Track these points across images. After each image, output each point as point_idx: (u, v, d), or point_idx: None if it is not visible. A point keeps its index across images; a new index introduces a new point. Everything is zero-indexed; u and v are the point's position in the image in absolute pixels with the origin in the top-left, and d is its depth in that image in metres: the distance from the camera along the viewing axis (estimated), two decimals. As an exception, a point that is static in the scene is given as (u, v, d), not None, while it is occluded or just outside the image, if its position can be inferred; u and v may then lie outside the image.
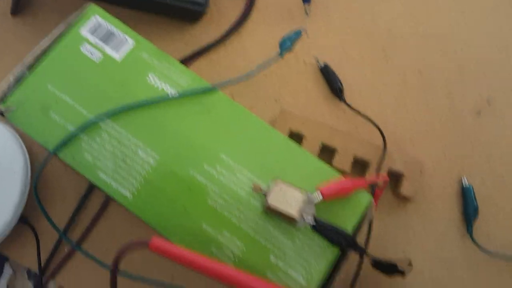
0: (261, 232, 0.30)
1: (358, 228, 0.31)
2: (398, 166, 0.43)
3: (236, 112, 0.33)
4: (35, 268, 0.43)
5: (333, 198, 0.29)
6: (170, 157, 0.31)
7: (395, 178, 0.44)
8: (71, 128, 0.31)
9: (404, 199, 0.44)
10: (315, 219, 0.29)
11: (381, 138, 0.45)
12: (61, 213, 0.43)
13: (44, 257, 0.43)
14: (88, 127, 0.32)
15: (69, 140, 0.31)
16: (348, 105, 0.45)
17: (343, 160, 0.43)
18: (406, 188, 0.42)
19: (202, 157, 0.31)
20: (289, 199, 0.29)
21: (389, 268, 0.32)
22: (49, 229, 0.43)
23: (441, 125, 0.46)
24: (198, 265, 0.27)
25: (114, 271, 0.28)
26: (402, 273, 0.31)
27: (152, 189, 0.31)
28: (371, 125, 0.46)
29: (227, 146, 0.32)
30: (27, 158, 0.41)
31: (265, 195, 0.29)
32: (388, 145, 0.45)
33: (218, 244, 0.30)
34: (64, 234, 0.42)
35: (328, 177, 0.31)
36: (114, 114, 0.32)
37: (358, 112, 0.45)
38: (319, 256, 0.30)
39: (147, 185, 0.31)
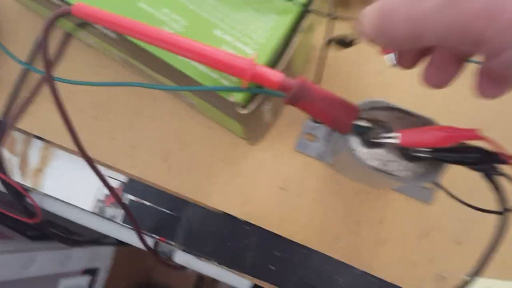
0: (203, 6, 0.28)
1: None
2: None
3: None
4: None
5: None
6: None
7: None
8: None
9: None
10: None
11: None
12: (20, 54, 0.41)
13: (4, 104, 0.41)
14: None
15: None
16: None
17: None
18: None
19: None
20: None
21: (342, 42, 0.29)
22: (6, 74, 0.42)
23: None
24: (126, 26, 0.25)
25: (43, 43, 0.26)
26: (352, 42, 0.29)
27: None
28: None
29: None
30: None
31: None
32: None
33: (157, 22, 0.28)
34: (29, 64, 0.40)
35: None
36: None
37: None
38: (270, 28, 0.28)
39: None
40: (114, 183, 0.42)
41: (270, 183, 0.39)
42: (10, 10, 0.42)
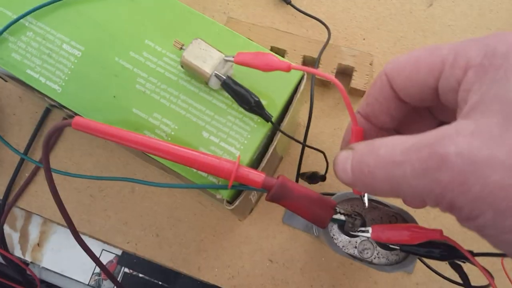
0: (192, 111, 0.30)
1: (289, 106, 0.31)
2: (347, 61, 0.42)
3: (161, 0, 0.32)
4: (-3, 194, 0.43)
5: (247, 64, 0.28)
6: (95, 48, 0.31)
7: (347, 76, 0.44)
8: (-4, 30, 0.31)
9: (356, 93, 0.43)
10: (228, 77, 0.28)
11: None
12: (19, 140, 0.44)
13: (6, 184, 0.43)
14: (13, 27, 0.31)
15: (-5, 42, 0.31)
16: (295, 7, 0.45)
17: (293, 60, 0.43)
18: (356, 81, 0.42)
19: (127, 45, 0.31)
20: (206, 57, 0.28)
21: (312, 178, 0.32)
22: (9, 157, 0.44)
23: (392, 19, 0.45)
24: (123, 137, 0.27)
25: (46, 154, 0.28)
26: (323, 177, 0.32)
27: (80, 80, 0.31)
28: (321, 26, 0.45)
29: (152, 32, 0.31)
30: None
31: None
32: (338, 42, 0.44)
33: (150, 126, 0.30)
34: (25, 155, 0.43)
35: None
36: (37, 11, 0.31)
37: (304, 13, 0.44)
38: (252, 130, 0.30)
39: (75, 77, 0.31)
40: (109, 256, 0.44)
41: (259, 256, 0.41)
42: (13, 94, 0.45)
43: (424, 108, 0.24)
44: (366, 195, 0.28)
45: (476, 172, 0.15)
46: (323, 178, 0.32)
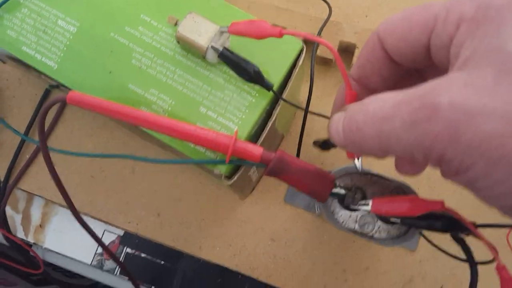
0: (189, 86, 0.30)
1: (289, 78, 0.31)
2: (349, 38, 0.42)
3: (156, -26, 0.32)
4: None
5: (241, 33, 0.28)
6: (90, 23, 0.31)
7: (349, 53, 0.43)
8: (-9, 7, 0.31)
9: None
10: (224, 49, 0.28)
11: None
12: (18, 123, 0.44)
13: (6, 166, 0.43)
14: (8, 4, 0.31)
15: (-11, 19, 0.31)
16: (295, -17, 0.44)
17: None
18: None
19: (122, 20, 0.31)
20: (201, 30, 0.28)
21: (324, 145, 0.32)
22: (9, 139, 0.44)
23: (394, -5, 0.45)
24: (117, 111, 0.27)
25: (42, 130, 0.28)
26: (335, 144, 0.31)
27: (76, 56, 0.31)
28: (322, 3, 0.44)
29: (148, 7, 0.31)
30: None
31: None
32: (339, 20, 0.44)
33: (146, 102, 0.30)
34: (25, 135, 0.43)
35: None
36: (30, -13, 0.31)
37: (305, -12, 0.43)
38: (250, 104, 0.30)
39: (70, 53, 0.31)
40: (111, 236, 0.44)
41: (260, 235, 0.41)
42: (12, 76, 0.45)
43: (415, 72, 0.24)
44: (359, 159, 0.27)
45: (468, 121, 0.14)
46: (335, 144, 0.32)
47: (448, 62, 0.18)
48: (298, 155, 0.36)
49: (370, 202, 0.27)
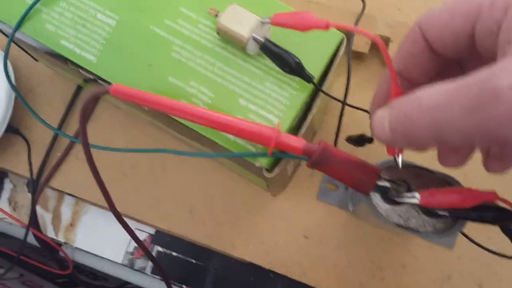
0: (228, 78, 0.30)
1: (329, 70, 0.30)
2: (382, 31, 0.41)
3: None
4: (28, 175, 0.43)
5: (284, 25, 0.27)
6: (129, 17, 0.31)
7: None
8: (30, 1, 0.31)
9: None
10: (266, 39, 0.28)
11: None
12: (50, 120, 0.44)
13: (38, 165, 0.43)
14: (46, -2, 0.31)
15: (29, 13, 0.31)
16: (325, -22, 0.43)
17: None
18: (392, 52, 0.41)
19: (161, 13, 0.31)
20: (243, 21, 0.28)
21: (359, 141, 0.31)
22: (40, 137, 0.44)
23: (427, -12, 0.44)
24: (160, 103, 0.27)
25: (83, 122, 0.28)
26: (369, 139, 0.31)
27: (115, 49, 0.31)
28: (354, -2, 0.44)
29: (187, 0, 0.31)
30: (8, 64, 0.41)
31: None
32: (372, 13, 0.43)
33: (186, 94, 0.30)
34: (59, 130, 0.43)
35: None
36: (69, -19, 0.31)
37: (336, -17, 0.43)
38: (291, 96, 0.29)
39: (110, 47, 0.31)
40: (142, 235, 0.44)
41: (293, 232, 0.40)
42: (43, 75, 0.45)
43: (456, 64, 0.24)
44: (399, 155, 0.27)
45: None
46: (370, 140, 0.31)
47: (495, 49, 0.18)
48: (335, 143, 0.36)
49: (418, 195, 0.27)
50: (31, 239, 0.45)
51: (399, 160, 0.27)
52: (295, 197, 0.41)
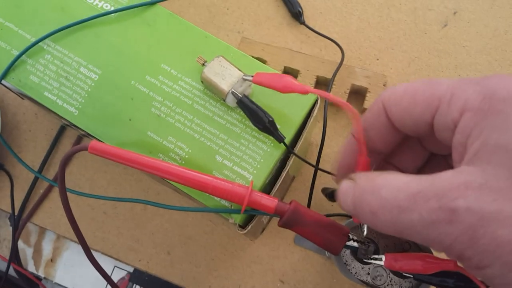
0: (206, 135, 0.31)
1: (303, 129, 0.31)
2: (360, 82, 0.42)
3: (177, 24, 0.33)
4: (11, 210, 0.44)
5: (265, 84, 0.28)
6: (112, 71, 0.32)
7: (360, 96, 0.44)
8: (16, 52, 0.32)
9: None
10: (244, 96, 0.29)
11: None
12: (34, 157, 0.44)
13: (21, 200, 0.44)
14: (32, 50, 0.32)
15: (14, 64, 0.32)
16: (308, 27, 0.45)
17: (306, 81, 0.43)
18: (369, 101, 0.42)
19: (143, 69, 0.32)
20: (226, 75, 0.29)
21: (332, 196, 0.32)
22: (23, 173, 0.45)
23: (406, 40, 0.45)
24: (137, 162, 0.27)
25: (62, 177, 0.29)
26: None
27: (96, 103, 0.31)
28: (335, 46, 0.45)
29: (169, 57, 0.32)
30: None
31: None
32: (351, 63, 0.44)
33: (164, 149, 0.31)
34: (39, 173, 0.43)
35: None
36: (55, 34, 0.32)
37: (318, 33, 0.44)
38: (265, 154, 0.30)
39: (91, 100, 0.31)
40: (121, 273, 0.44)
41: (270, 276, 0.41)
42: (29, 111, 0.46)
43: (416, 139, 0.25)
44: (365, 225, 0.28)
45: (484, 227, 0.15)
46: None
47: (450, 141, 0.19)
48: (309, 204, 0.37)
49: (383, 258, 0.28)
50: (12, 272, 0.45)
51: (364, 228, 0.28)
52: (273, 241, 0.42)
